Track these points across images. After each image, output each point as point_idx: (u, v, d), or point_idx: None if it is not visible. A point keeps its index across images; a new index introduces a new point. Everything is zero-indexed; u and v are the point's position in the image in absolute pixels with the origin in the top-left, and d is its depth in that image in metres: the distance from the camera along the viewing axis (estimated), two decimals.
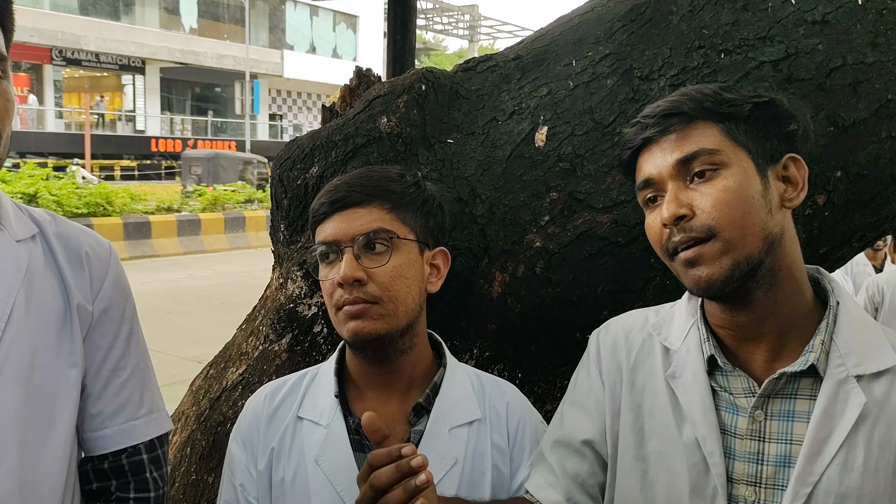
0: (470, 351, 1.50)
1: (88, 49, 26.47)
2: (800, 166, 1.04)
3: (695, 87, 1.07)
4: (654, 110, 1.05)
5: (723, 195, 0.98)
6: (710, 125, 1.01)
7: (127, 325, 1.18)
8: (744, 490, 1.01)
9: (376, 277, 1.10)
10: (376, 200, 1.13)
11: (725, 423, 1.03)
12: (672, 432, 1.06)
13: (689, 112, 1.02)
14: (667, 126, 1.03)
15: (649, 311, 1.18)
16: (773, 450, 1.00)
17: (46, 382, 1.07)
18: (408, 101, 1.52)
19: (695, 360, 1.06)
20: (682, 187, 1.01)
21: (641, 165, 1.07)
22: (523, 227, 1.47)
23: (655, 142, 1.04)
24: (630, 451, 1.09)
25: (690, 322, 1.10)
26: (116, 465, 1.16)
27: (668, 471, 1.05)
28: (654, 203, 1.05)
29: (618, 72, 1.48)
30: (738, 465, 1.01)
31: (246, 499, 1.17)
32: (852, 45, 1.42)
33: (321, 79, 31.94)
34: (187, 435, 1.61)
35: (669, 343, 1.10)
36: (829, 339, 1.01)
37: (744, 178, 0.99)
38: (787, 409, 1.00)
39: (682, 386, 1.06)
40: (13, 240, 1.08)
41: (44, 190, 11.68)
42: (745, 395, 1.03)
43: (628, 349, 1.14)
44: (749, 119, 1.02)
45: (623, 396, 1.12)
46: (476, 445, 1.15)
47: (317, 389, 1.20)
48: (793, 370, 0.99)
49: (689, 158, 1.00)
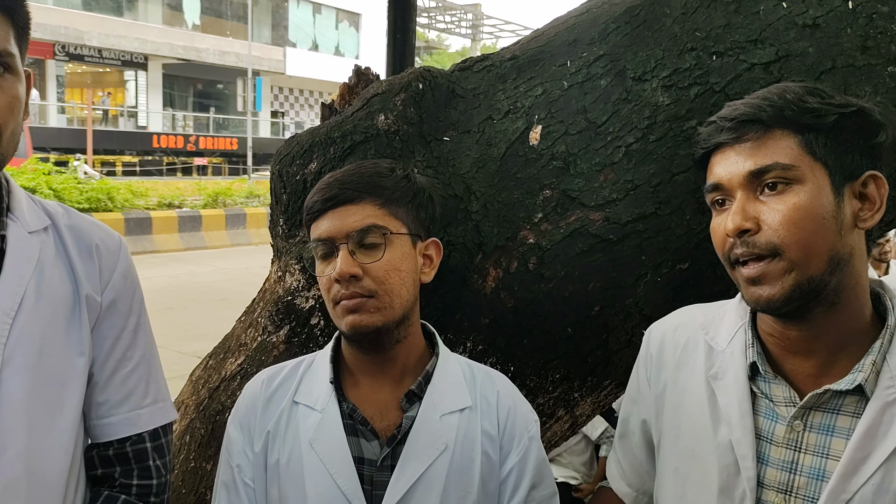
0: (463, 344, 1.53)
1: (91, 45, 26.47)
2: (880, 184, 0.98)
3: (779, 87, 1.00)
4: (733, 113, 1.00)
5: (792, 213, 0.94)
6: (788, 135, 0.96)
7: (134, 316, 1.21)
8: (773, 496, 1.00)
9: (371, 272, 1.14)
10: (368, 197, 1.16)
11: (762, 428, 1.02)
12: (707, 432, 1.05)
13: (766, 121, 0.97)
14: (743, 133, 0.98)
15: (697, 310, 1.17)
16: (809, 461, 0.98)
17: (54, 370, 1.10)
18: (405, 99, 1.55)
19: (738, 363, 1.05)
20: (752, 198, 0.97)
21: (713, 167, 1.03)
22: (517, 224, 1.50)
23: (730, 146, 1.00)
24: (668, 446, 1.11)
25: (739, 324, 1.08)
26: (121, 453, 1.19)
27: (700, 469, 1.05)
28: (722, 206, 1.02)
29: (611, 72, 1.51)
30: (770, 471, 1.01)
31: (242, 479, 1.20)
32: (842, 49, 1.45)
33: (323, 76, 31.93)
34: (187, 423, 1.64)
35: (715, 343, 1.09)
36: (881, 360, 0.97)
37: (817, 196, 0.94)
38: (827, 423, 0.98)
39: (723, 387, 1.05)
40: (26, 231, 1.11)
41: (44, 185, 11.69)
42: (786, 404, 1.01)
43: (674, 346, 1.14)
44: (832, 130, 0.96)
45: (667, 393, 1.13)
46: (466, 432, 1.18)
47: (313, 376, 1.24)
48: (838, 388, 0.97)
49: (762, 171, 0.96)
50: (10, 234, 1.09)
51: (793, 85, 1.02)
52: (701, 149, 1.05)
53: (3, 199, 1.12)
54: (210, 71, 31.37)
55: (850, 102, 0.98)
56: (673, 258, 1.46)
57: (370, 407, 1.19)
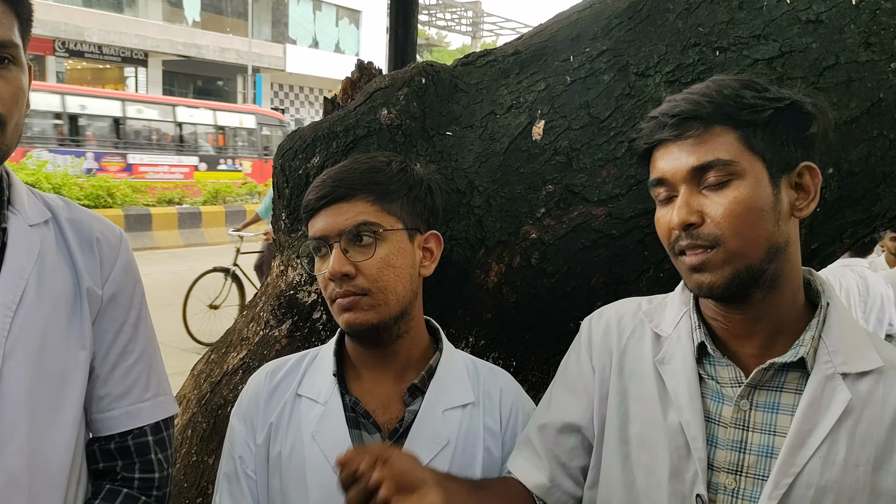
0: (466, 339, 1.53)
1: (91, 41, 26.43)
2: (814, 175, 1.03)
3: (718, 81, 1.03)
4: (673, 109, 1.03)
5: (733, 206, 0.98)
6: (727, 131, 1.00)
7: (135, 310, 1.21)
8: (724, 478, 1.02)
9: (364, 270, 1.14)
10: (359, 194, 1.16)
11: (710, 410, 1.05)
12: (656, 416, 1.07)
13: (706, 118, 1.00)
14: (684, 130, 1.01)
15: (642, 300, 1.20)
16: (757, 439, 1.01)
17: (55, 364, 1.09)
18: (408, 93, 1.55)
19: (684, 347, 1.08)
20: (695, 192, 1.01)
21: (656, 161, 1.06)
22: (519, 219, 1.50)
23: (672, 142, 1.03)
24: (614, 433, 1.11)
25: (683, 311, 1.12)
26: (122, 446, 1.19)
27: (650, 454, 1.07)
28: (667, 200, 1.05)
29: (614, 68, 1.51)
30: (720, 452, 1.03)
31: (244, 471, 1.20)
32: (845, 45, 1.45)
33: (323, 74, 31.88)
34: (188, 417, 1.64)
35: (661, 330, 1.12)
36: (818, 337, 1.02)
37: (756, 189, 0.98)
38: (772, 400, 1.02)
39: (670, 371, 1.08)
40: (27, 224, 1.11)
41: (43, 180, 11.69)
42: (732, 384, 1.04)
43: (619, 334, 1.16)
44: (769, 125, 1.00)
45: (612, 380, 1.14)
46: (469, 428, 1.18)
47: (316, 369, 1.24)
48: (782, 361, 1.01)
49: (704, 167, 0.99)
50: (11, 227, 1.09)
51: (728, 79, 1.04)
52: (644, 144, 1.08)
53: (4, 192, 1.11)
54: (210, 67, 31.32)
55: (784, 96, 1.01)
56: None
57: (373, 400, 1.19)
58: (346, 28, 36.58)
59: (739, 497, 1.01)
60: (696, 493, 1.02)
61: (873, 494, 0.97)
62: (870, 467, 0.97)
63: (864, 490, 0.97)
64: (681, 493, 1.04)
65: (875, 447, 0.98)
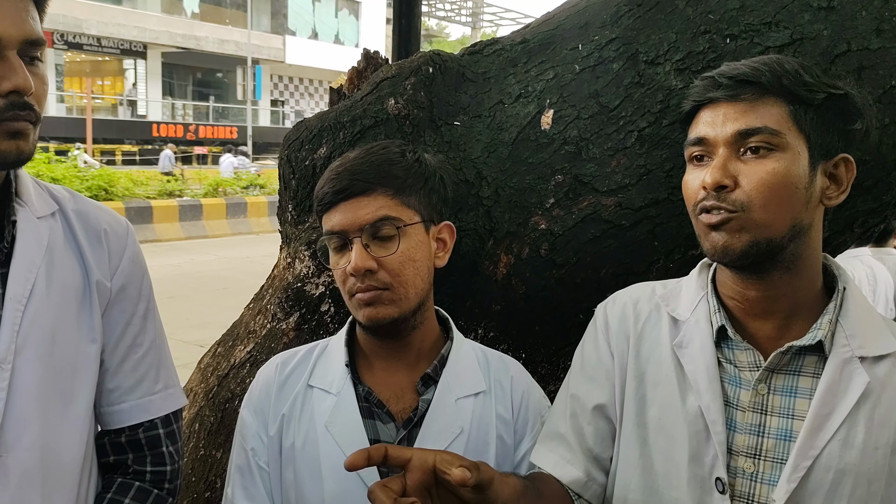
0: (475, 331, 1.52)
1: (90, 33, 26.36)
2: (850, 168, 1.04)
3: (777, 58, 1.04)
4: (732, 71, 1.02)
5: (769, 177, 0.98)
6: (780, 103, 1.00)
7: (144, 301, 1.20)
8: (743, 462, 1.02)
9: (386, 265, 1.13)
10: (380, 187, 1.14)
11: (728, 395, 1.05)
12: (675, 401, 1.07)
13: (765, 84, 1.00)
14: (739, 92, 1.01)
15: (656, 284, 1.19)
16: (775, 423, 1.02)
17: (66, 358, 1.08)
18: (415, 83, 1.53)
19: (703, 331, 1.08)
20: (733, 157, 1.00)
21: (700, 121, 1.05)
22: (528, 210, 1.49)
23: (724, 102, 1.02)
24: (631, 417, 1.11)
25: (700, 294, 1.11)
26: (133, 439, 1.18)
27: (668, 438, 1.07)
28: (700, 162, 1.05)
29: (623, 56, 1.49)
30: (738, 437, 1.03)
31: (257, 463, 1.20)
32: (857, 32, 1.43)
33: (323, 65, 31.81)
34: (196, 411, 1.63)
35: (678, 314, 1.12)
36: (835, 321, 1.03)
37: (794, 166, 0.99)
38: (790, 384, 1.02)
39: (689, 355, 1.08)
40: (34, 216, 1.10)
41: (45, 173, 11.67)
42: (750, 368, 1.04)
43: (635, 318, 1.15)
44: (819, 108, 1.00)
45: (629, 364, 1.13)
46: (481, 416, 1.18)
47: (327, 360, 1.23)
48: (800, 344, 1.01)
49: (749, 133, 0.99)
50: (20, 220, 1.08)
51: (789, 58, 1.05)
52: (693, 101, 1.07)
53: (11, 184, 1.10)
54: (209, 59, 31.25)
55: (839, 85, 1.02)
56: (685, 244, 1.45)
57: (386, 390, 1.19)
58: (346, 19, 36.47)
59: (758, 480, 1.02)
60: (715, 476, 1.03)
61: (891, 476, 0.98)
62: (888, 450, 0.98)
63: (883, 472, 0.98)
64: (700, 477, 1.04)
65: (893, 430, 0.98)
